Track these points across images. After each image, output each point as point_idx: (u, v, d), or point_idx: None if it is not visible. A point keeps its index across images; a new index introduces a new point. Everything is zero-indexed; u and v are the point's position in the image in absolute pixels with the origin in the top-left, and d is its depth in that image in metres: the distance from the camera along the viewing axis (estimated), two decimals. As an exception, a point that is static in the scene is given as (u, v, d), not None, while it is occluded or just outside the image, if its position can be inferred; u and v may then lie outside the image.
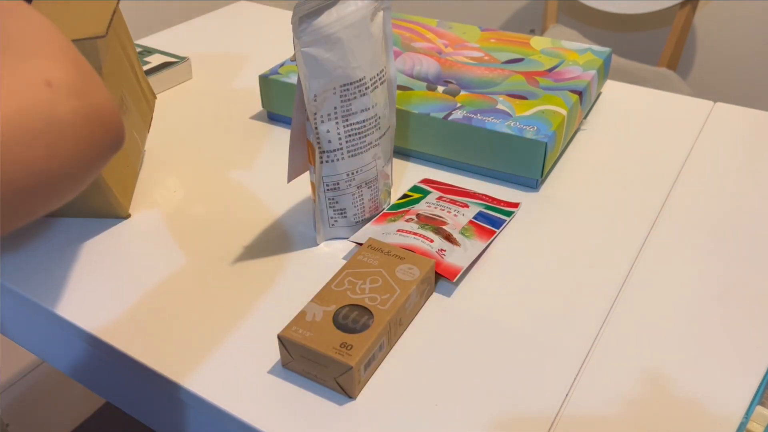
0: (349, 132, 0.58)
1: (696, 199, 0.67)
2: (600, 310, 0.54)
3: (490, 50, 0.83)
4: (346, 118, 0.57)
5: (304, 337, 0.47)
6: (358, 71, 0.56)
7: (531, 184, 0.69)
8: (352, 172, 0.60)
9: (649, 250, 0.60)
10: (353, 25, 0.54)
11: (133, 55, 0.73)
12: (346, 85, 0.56)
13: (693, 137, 0.77)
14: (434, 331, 0.53)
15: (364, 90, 0.57)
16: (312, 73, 0.55)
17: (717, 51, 1.78)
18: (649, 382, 0.48)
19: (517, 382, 0.48)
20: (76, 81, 0.32)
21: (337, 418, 0.46)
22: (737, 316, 0.53)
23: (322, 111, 0.56)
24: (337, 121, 0.57)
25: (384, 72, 0.59)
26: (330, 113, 0.57)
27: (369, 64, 0.56)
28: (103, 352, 0.54)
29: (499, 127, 0.67)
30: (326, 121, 0.57)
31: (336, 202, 0.61)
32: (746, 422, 0.46)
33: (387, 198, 0.65)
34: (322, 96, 0.56)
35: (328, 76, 0.55)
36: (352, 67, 0.55)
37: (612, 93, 0.87)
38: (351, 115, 0.57)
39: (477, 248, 0.59)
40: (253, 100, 0.86)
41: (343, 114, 0.57)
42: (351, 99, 0.56)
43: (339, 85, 0.56)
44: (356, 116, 0.57)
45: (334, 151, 0.58)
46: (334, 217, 0.62)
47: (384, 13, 0.59)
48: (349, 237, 0.63)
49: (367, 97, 0.57)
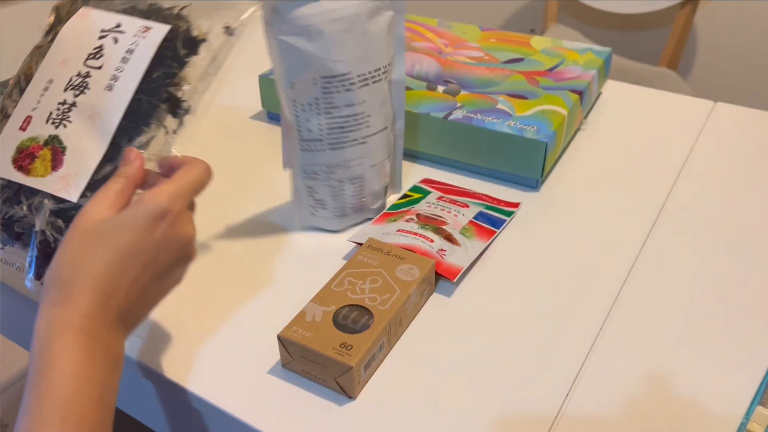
0: (330, 125, 0.58)
1: (696, 199, 0.67)
2: (600, 309, 0.54)
3: (490, 50, 0.83)
4: (329, 111, 0.57)
5: (304, 338, 0.47)
6: (340, 65, 0.55)
7: (531, 184, 0.69)
8: (333, 166, 0.59)
9: (649, 250, 0.60)
10: (342, 20, 0.54)
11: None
12: (328, 78, 0.56)
13: (693, 137, 0.77)
14: (434, 331, 0.52)
15: (348, 85, 0.56)
16: (288, 61, 0.55)
17: (717, 51, 1.78)
18: (649, 382, 0.48)
19: (517, 382, 0.48)
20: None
21: (337, 418, 0.46)
22: (737, 316, 0.53)
23: (302, 99, 0.56)
24: (318, 112, 0.57)
25: (382, 71, 0.58)
26: (311, 103, 0.57)
27: (358, 61, 0.56)
28: (102, 352, 0.54)
29: (500, 127, 0.67)
30: (307, 110, 0.57)
31: (315, 192, 0.61)
32: (746, 422, 0.46)
33: (383, 196, 0.65)
34: (301, 84, 0.56)
35: (306, 66, 0.55)
36: (333, 60, 0.55)
37: (612, 93, 0.87)
38: (334, 108, 0.57)
39: (477, 248, 0.59)
40: (253, 100, 0.86)
41: (325, 106, 0.57)
42: (334, 92, 0.56)
43: (320, 76, 0.55)
44: (340, 110, 0.57)
45: (314, 140, 0.58)
46: (314, 206, 0.62)
47: (395, 15, 0.58)
48: (333, 229, 0.63)
49: (353, 93, 0.57)
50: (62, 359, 0.38)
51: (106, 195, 0.42)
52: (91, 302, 0.39)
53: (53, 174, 0.46)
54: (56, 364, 0.38)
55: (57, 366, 0.37)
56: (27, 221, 0.45)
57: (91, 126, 0.46)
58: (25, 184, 0.46)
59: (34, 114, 0.47)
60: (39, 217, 0.44)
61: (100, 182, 0.44)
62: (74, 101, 0.47)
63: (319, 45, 0.54)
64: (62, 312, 0.39)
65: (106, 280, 0.39)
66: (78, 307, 0.39)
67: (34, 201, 0.45)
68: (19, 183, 0.45)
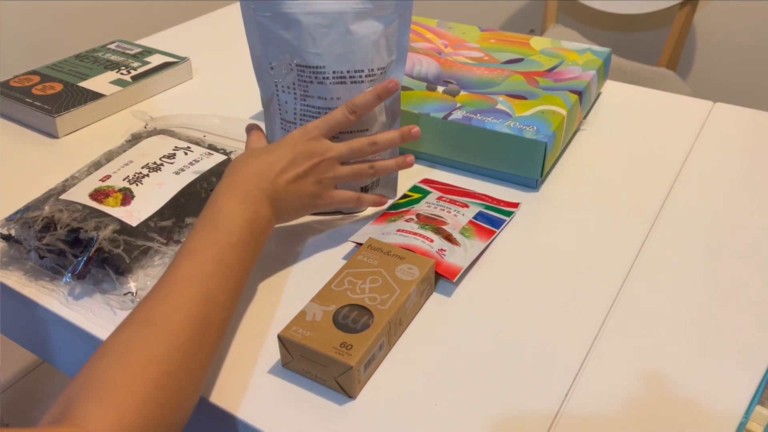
0: (304, 112, 0.60)
1: (696, 199, 0.67)
2: (600, 309, 0.54)
3: (489, 50, 0.83)
4: (304, 98, 0.59)
5: (304, 337, 0.47)
6: (315, 58, 0.57)
7: (531, 184, 0.69)
8: None
9: (649, 250, 0.60)
10: (322, 14, 0.56)
11: None
12: (302, 67, 0.58)
13: (693, 137, 0.77)
14: (434, 331, 0.53)
15: (321, 78, 0.58)
16: (267, 43, 0.58)
17: (717, 51, 1.78)
18: (649, 382, 0.48)
19: (517, 382, 0.48)
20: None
21: (337, 418, 0.46)
22: (737, 316, 0.53)
23: (281, 81, 0.59)
24: (295, 97, 0.60)
25: (366, 74, 0.59)
26: (289, 86, 0.59)
27: (335, 58, 0.57)
28: (103, 352, 0.54)
29: (499, 127, 0.67)
30: (286, 92, 0.60)
31: None
32: (746, 422, 0.46)
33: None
34: (278, 67, 0.59)
35: (283, 51, 0.58)
36: (308, 51, 0.57)
37: (612, 93, 0.87)
38: (308, 97, 0.59)
39: (477, 248, 0.59)
40: (253, 100, 0.86)
41: (301, 93, 0.59)
42: (308, 81, 0.58)
43: (295, 63, 0.58)
44: (313, 100, 0.59)
45: (290, 122, 0.61)
46: None
47: (399, 23, 0.58)
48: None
49: (325, 87, 0.58)
50: (228, 209, 0.51)
51: (260, 139, 0.61)
52: (250, 185, 0.53)
53: (121, 208, 0.59)
54: (223, 211, 0.51)
55: (223, 213, 0.51)
56: (90, 234, 0.56)
57: (157, 189, 0.62)
58: (97, 209, 0.59)
59: (114, 175, 0.64)
60: (102, 231, 0.56)
61: (155, 226, 0.59)
62: (148, 173, 0.64)
63: (294, 33, 0.57)
64: (229, 188, 0.53)
65: (262, 171, 0.55)
66: (242, 185, 0.53)
67: (102, 221, 0.57)
68: (91, 207, 0.59)
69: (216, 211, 0.51)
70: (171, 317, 0.44)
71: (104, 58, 0.92)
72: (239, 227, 0.51)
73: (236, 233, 0.50)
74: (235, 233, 0.50)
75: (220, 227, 0.50)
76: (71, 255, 0.56)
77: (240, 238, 0.50)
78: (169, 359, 0.42)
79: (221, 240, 0.49)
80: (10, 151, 0.77)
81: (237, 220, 0.51)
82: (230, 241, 0.50)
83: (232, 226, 0.50)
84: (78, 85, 0.85)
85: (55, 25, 1.58)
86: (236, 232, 0.50)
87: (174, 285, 0.46)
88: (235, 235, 0.50)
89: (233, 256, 0.49)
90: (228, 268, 0.49)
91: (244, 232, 0.51)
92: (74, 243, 0.56)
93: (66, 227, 0.56)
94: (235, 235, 0.50)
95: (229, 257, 0.49)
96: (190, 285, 0.46)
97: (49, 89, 0.83)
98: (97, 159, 0.68)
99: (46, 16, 1.56)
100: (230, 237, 0.50)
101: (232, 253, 0.49)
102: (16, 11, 1.50)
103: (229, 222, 0.51)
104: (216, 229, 0.50)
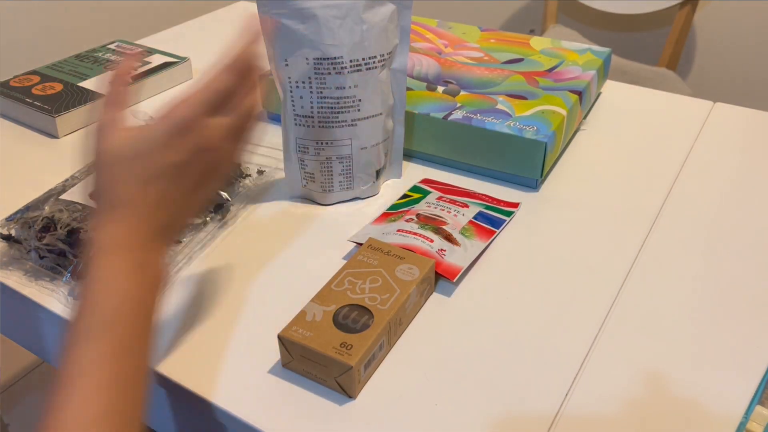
0: (321, 104, 0.61)
1: (695, 199, 0.67)
2: (600, 309, 0.54)
3: (489, 50, 0.83)
4: (320, 91, 0.60)
5: (304, 337, 0.47)
6: (333, 49, 0.59)
7: (531, 184, 0.69)
8: (322, 143, 0.63)
9: (649, 250, 0.60)
10: (337, 6, 0.58)
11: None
12: (320, 60, 0.59)
13: (693, 137, 0.77)
14: (434, 331, 0.53)
15: (339, 69, 0.59)
16: (282, 40, 0.59)
17: (717, 51, 1.78)
18: (649, 382, 0.48)
19: (517, 382, 0.48)
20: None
21: (337, 418, 0.46)
22: (737, 316, 0.53)
23: (294, 76, 0.60)
24: (310, 91, 0.60)
25: (378, 60, 0.61)
26: (304, 81, 0.60)
27: (351, 47, 0.59)
28: (103, 352, 0.54)
29: (499, 127, 0.67)
30: (300, 88, 0.60)
31: (305, 164, 0.65)
32: (746, 422, 0.46)
33: (373, 179, 0.67)
34: (294, 63, 0.59)
35: (299, 46, 0.58)
36: (326, 44, 0.58)
37: (612, 93, 0.87)
38: (325, 88, 0.60)
39: (477, 248, 0.59)
40: (253, 100, 0.86)
41: (317, 86, 0.60)
42: (325, 74, 0.60)
43: (312, 57, 0.59)
44: (331, 92, 0.60)
45: (306, 117, 0.62)
46: (306, 179, 0.66)
47: (401, 7, 0.62)
48: (322, 203, 0.67)
49: (344, 77, 0.60)
50: (104, 273, 0.40)
51: (114, 124, 0.44)
52: (127, 223, 0.41)
53: None
54: (98, 278, 0.40)
55: (100, 280, 0.40)
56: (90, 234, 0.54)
57: None
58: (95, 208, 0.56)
59: None
60: None
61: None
62: None
63: (311, 28, 0.58)
64: (101, 235, 0.41)
65: (139, 203, 0.42)
66: (115, 229, 0.41)
67: None
68: (91, 207, 0.54)
69: (89, 279, 0.40)
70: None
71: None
72: (122, 301, 0.40)
73: (122, 308, 0.40)
74: (123, 307, 0.40)
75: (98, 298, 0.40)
76: (71, 255, 0.56)
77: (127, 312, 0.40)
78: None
79: (105, 313, 0.39)
80: (10, 151, 0.77)
81: (117, 295, 0.40)
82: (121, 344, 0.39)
83: (113, 300, 0.40)
84: (78, 85, 0.85)
85: (55, 25, 1.58)
86: (122, 305, 0.40)
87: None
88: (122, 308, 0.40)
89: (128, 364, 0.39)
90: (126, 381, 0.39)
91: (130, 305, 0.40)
92: (74, 243, 0.57)
93: (66, 227, 0.57)
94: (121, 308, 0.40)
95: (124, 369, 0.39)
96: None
97: (49, 89, 0.84)
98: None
99: (46, 16, 1.56)
100: (115, 313, 0.39)
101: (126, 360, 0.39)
102: (16, 11, 1.50)
103: (106, 293, 0.40)
104: (91, 302, 0.40)
